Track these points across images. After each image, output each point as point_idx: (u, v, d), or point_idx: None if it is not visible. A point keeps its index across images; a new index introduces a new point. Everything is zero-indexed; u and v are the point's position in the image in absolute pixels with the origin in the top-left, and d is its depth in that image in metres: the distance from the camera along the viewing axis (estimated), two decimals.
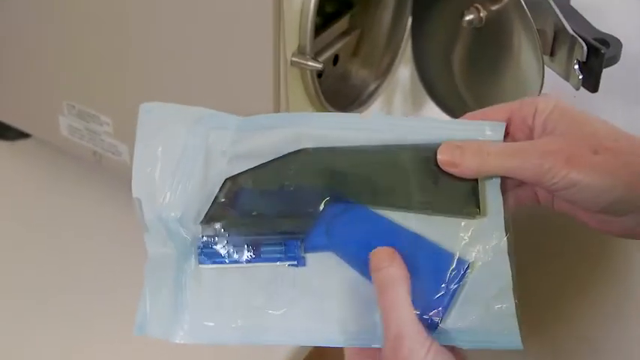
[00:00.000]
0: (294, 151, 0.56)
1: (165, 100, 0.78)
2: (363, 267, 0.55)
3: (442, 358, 0.51)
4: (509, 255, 0.55)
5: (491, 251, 0.55)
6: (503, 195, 0.56)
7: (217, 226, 0.56)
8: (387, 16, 0.87)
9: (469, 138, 0.56)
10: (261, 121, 0.57)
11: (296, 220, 0.56)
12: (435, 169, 0.55)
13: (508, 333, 0.54)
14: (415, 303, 0.53)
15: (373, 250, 0.54)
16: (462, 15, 0.78)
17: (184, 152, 0.56)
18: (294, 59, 0.71)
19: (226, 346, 0.55)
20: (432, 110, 0.90)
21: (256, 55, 0.71)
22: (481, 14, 0.78)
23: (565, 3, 0.76)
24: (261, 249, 0.55)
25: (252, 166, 0.57)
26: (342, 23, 0.86)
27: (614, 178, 0.51)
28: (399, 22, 0.87)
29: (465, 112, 0.58)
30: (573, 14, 0.75)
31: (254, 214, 0.56)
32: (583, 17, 0.75)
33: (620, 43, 0.72)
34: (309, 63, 0.72)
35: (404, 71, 0.91)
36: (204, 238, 0.56)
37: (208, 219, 0.56)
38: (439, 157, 0.55)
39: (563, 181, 0.52)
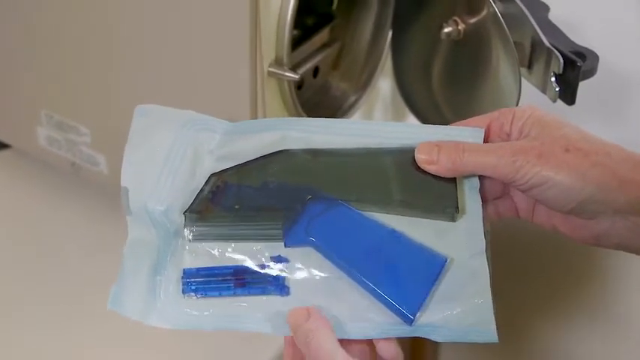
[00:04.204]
0: (278, 151, 0.58)
1: None
2: (341, 262, 0.56)
3: None
4: (486, 254, 0.56)
5: (469, 250, 0.56)
6: (483, 204, 0.57)
7: (200, 218, 0.57)
8: (367, 29, 0.88)
9: None
10: (248, 126, 0.59)
11: (277, 216, 0.57)
12: (415, 170, 0.56)
13: (484, 327, 0.54)
14: (393, 298, 0.54)
15: (290, 312, 0.54)
16: (441, 28, 0.78)
17: (172, 149, 0.58)
18: (270, 70, 0.72)
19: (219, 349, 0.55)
20: (412, 122, 0.90)
21: (233, 66, 0.71)
22: (459, 27, 0.78)
23: (543, 16, 0.76)
24: (246, 279, 0.56)
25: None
26: (323, 36, 0.87)
27: (585, 176, 0.52)
28: (379, 36, 0.87)
29: (443, 125, 0.59)
30: (550, 27, 0.75)
31: (236, 207, 0.57)
32: (560, 30, 0.75)
33: (597, 56, 0.73)
34: (286, 73, 0.72)
35: (384, 84, 0.92)
36: (189, 267, 0.57)
37: (192, 211, 0.57)
38: (417, 155, 0.56)
39: (535, 178, 0.53)
